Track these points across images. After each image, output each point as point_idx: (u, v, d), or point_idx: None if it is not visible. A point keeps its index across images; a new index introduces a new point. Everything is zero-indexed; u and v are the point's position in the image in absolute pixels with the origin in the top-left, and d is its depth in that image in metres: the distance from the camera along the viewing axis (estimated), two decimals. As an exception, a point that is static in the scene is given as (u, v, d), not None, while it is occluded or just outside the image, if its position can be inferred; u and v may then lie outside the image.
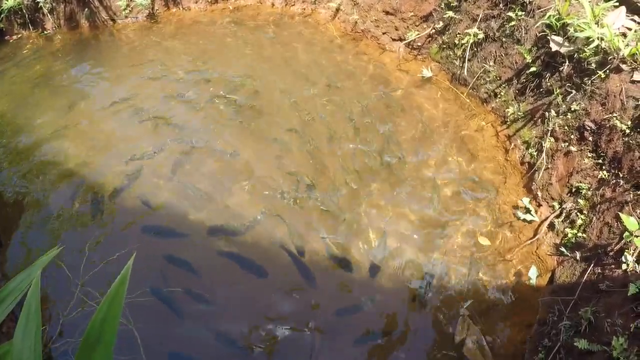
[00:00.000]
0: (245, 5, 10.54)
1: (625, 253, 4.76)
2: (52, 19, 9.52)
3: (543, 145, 6.32)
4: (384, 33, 9.19)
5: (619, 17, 6.25)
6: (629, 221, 4.71)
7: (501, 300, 5.49)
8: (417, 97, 8.00)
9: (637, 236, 4.66)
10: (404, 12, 8.79)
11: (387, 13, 9.03)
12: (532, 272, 5.67)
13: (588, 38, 5.92)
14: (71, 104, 7.79)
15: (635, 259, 4.69)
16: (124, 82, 8.28)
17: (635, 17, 6.58)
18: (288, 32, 9.68)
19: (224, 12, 10.37)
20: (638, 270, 4.61)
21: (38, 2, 9.16)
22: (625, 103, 5.50)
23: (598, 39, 5.84)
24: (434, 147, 7.12)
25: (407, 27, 8.83)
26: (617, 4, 6.50)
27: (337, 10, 9.81)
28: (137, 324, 5.04)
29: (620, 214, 4.93)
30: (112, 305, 2.57)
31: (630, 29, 6.15)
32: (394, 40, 9.10)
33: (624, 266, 4.72)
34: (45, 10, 9.34)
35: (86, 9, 9.60)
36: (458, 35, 7.99)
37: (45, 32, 9.54)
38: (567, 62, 6.30)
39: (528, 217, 6.14)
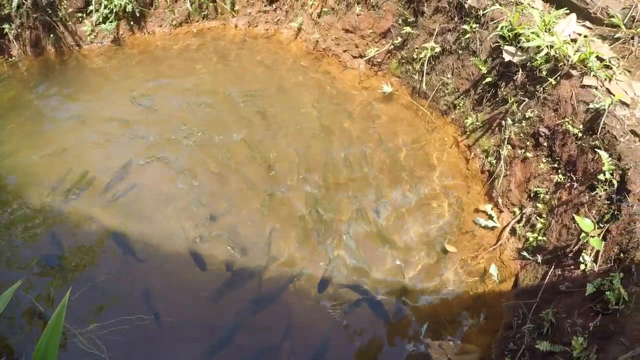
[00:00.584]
0: (209, 27, 10.57)
1: (583, 253, 4.88)
2: (17, 45, 9.47)
3: (501, 153, 6.46)
4: (344, 51, 9.30)
5: (570, 25, 6.41)
6: (584, 222, 4.84)
7: (468, 307, 5.57)
8: (378, 112, 8.12)
9: (592, 237, 4.78)
10: (362, 30, 8.92)
11: (347, 31, 9.15)
12: (493, 270, 5.80)
13: (538, 47, 6.06)
14: (41, 131, 7.73)
15: (592, 259, 4.80)
16: (93, 108, 8.19)
17: (587, 23, 6.75)
18: (252, 53, 9.74)
19: (187, 35, 10.38)
20: (596, 270, 4.72)
21: (3, 28, 9.11)
22: (576, 107, 5.65)
23: (547, 47, 5.99)
24: (396, 160, 7.22)
25: (367, 44, 8.96)
26: (568, 11, 6.66)
27: (299, 30, 9.92)
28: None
29: (575, 215, 5.04)
30: (51, 339, 2.61)
31: (580, 35, 6.31)
32: (354, 57, 9.22)
33: (582, 266, 4.84)
34: (11, 37, 9.28)
35: (52, 35, 9.54)
36: (416, 50, 8.12)
37: (11, 59, 9.47)
38: (520, 71, 6.45)
39: (490, 223, 6.25)
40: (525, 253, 5.70)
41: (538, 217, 5.78)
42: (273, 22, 10.33)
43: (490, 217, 6.32)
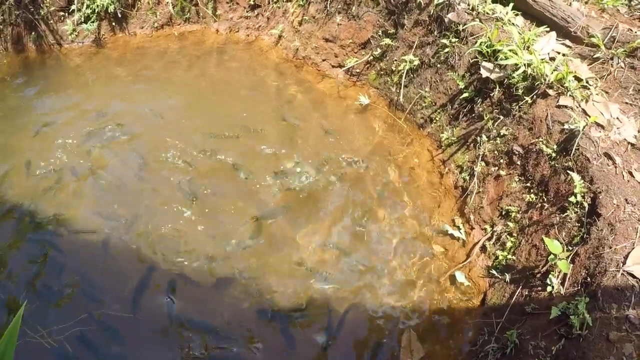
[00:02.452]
0: (190, 31, 10.54)
1: (551, 275, 4.84)
2: (-1, 41, 9.44)
3: (474, 169, 6.43)
4: (324, 60, 9.26)
5: (549, 43, 6.41)
6: (552, 244, 4.80)
7: (435, 324, 5.51)
8: (354, 122, 8.08)
9: (561, 259, 4.74)
10: (342, 40, 8.89)
11: (327, 40, 9.12)
12: (460, 276, 5.80)
13: (515, 64, 6.04)
14: (17, 129, 7.64)
15: (559, 282, 4.77)
16: (69, 108, 8.11)
17: (567, 42, 6.75)
18: (232, 58, 9.71)
19: (169, 38, 10.34)
20: (562, 293, 4.68)
21: (-15, 24, 9.09)
22: (550, 127, 5.63)
23: (525, 65, 5.97)
24: (371, 172, 7.15)
25: (346, 54, 8.94)
26: (549, 29, 6.66)
27: (280, 37, 9.89)
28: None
29: (544, 237, 5.01)
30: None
31: (559, 53, 6.31)
32: (333, 67, 9.19)
33: (549, 288, 4.80)
34: (-7, 33, 9.26)
35: (33, 33, 9.49)
36: (395, 62, 8.11)
37: (-7, 55, 9.43)
38: (497, 87, 6.43)
39: (456, 233, 6.24)
40: (494, 271, 5.64)
41: (508, 236, 5.74)
42: (254, 28, 10.30)
43: (458, 228, 6.31)
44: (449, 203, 6.71)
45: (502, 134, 6.18)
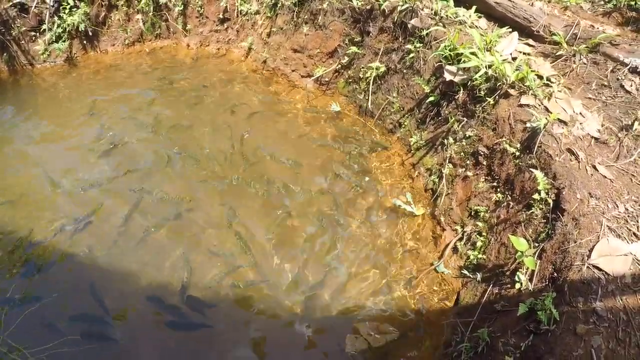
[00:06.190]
0: (161, 46, 10.59)
1: (519, 272, 4.88)
2: (-29, 63, 9.46)
3: (443, 171, 6.49)
4: (293, 70, 9.34)
5: (511, 43, 6.49)
6: (518, 242, 4.84)
7: (411, 325, 5.53)
8: (326, 130, 8.14)
9: (527, 256, 4.79)
10: (310, 50, 8.97)
11: (295, 51, 9.19)
12: (441, 268, 5.89)
13: (477, 67, 6.11)
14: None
15: (527, 278, 4.81)
16: (39, 129, 8.15)
17: (530, 41, 6.84)
18: (203, 72, 9.75)
19: (140, 54, 10.38)
20: (531, 289, 4.73)
21: (-43, 47, 9.10)
22: (513, 127, 5.69)
23: (486, 67, 6.03)
24: (342, 178, 7.19)
25: (315, 63, 9.01)
26: (511, 30, 6.74)
27: (249, 49, 9.97)
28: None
29: (510, 235, 5.06)
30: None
31: (522, 53, 6.38)
32: (303, 76, 9.26)
33: (517, 285, 4.83)
34: (-35, 55, 9.28)
35: (4, 54, 9.51)
36: (362, 69, 8.19)
37: (-35, 77, 9.45)
38: (461, 90, 6.49)
39: (408, 208, 6.47)
40: (466, 271, 5.68)
41: (478, 236, 5.79)
42: (224, 41, 10.37)
43: (409, 204, 6.49)
44: (420, 205, 6.74)
45: (467, 135, 6.25)
